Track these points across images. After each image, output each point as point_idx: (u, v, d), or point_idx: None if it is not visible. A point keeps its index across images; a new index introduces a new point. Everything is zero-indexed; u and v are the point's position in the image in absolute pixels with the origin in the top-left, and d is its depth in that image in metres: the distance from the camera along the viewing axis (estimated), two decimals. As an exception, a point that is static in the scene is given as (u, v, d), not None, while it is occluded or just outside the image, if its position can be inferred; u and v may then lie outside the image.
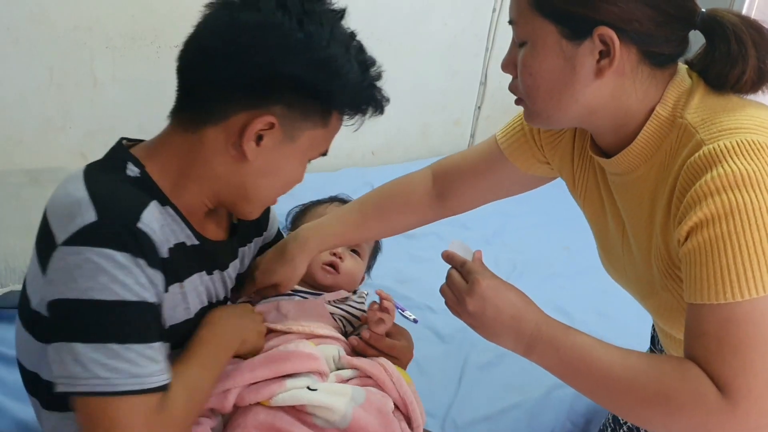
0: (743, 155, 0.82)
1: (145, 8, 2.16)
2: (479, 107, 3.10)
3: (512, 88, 1.00)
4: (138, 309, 0.85)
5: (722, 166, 0.82)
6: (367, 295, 1.38)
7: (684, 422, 0.84)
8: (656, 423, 0.88)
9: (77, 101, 2.18)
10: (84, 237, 0.82)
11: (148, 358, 0.84)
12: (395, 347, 1.20)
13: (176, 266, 0.94)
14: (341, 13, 0.95)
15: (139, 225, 0.85)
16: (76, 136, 2.22)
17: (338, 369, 1.13)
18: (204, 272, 1.03)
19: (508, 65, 0.99)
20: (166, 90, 2.62)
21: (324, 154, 1.01)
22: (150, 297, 0.86)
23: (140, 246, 0.84)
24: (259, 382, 1.04)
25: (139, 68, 2.21)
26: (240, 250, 1.15)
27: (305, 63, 0.90)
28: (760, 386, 0.80)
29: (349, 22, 1.01)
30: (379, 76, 0.98)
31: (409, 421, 1.11)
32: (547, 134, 1.17)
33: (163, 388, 0.86)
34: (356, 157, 2.91)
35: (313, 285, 1.33)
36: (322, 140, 0.99)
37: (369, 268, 1.50)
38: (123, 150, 0.96)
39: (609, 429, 1.44)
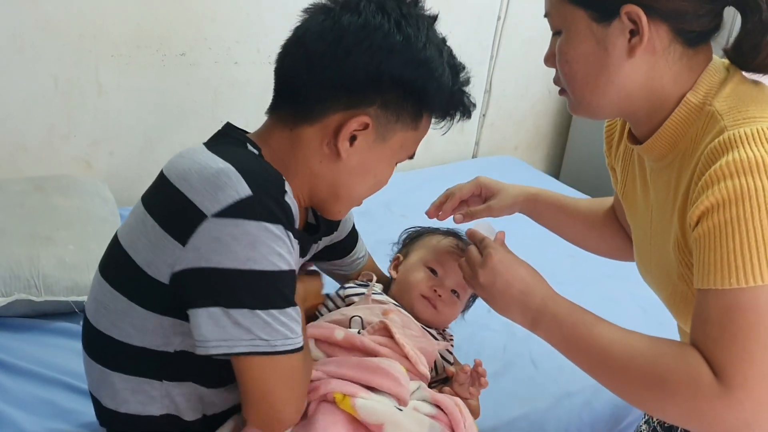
0: (761, 142, 0.82)
1: (151, 17, 2.17)
2: (484, 115, 3.10)
3: (555, 81, 1.02)
4: (289, 276, 0.91)
5: (738, 152, 0.82)
6: (452, 338, 1.39)
7: (678, 406, 0.84)
8: (652, 405, 0.89)
9: (82, 109, 2.18)
10: (240, 210, 0.86)
11: (295, 321, 0.91)
12: (469, 407, 1.20)
13: None
14: (434, 18, 1.01)
15: (286, 198, 0.90)
16: (80, 144, 2.22)
17: (418, 400, 1.13)
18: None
19: (549, 58, 1.01)
20: (171, 98, 2.63)
21: (411, 157, 1.07)
22: (293, 264, 0.92)
23: (288, 218, 0.90)
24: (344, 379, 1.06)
25: (144, 76, 2.21)
26: (312, 246, 1.20)
27: (403, 64, 0.95)
28: (756, 376, 0.79)
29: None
30: (468, 82, 1.03)
31: None
32: (608, 144, 1.20)
33: (303, 347, 0.94)
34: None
35: (409, 311, 1.31)
36: (412, 143, 1.04)
37: (466, 308, 1.45)
38: (238, 131, 1.02)
39: None
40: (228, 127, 1.04)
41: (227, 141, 1.00)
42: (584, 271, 2.13)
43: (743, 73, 0.96)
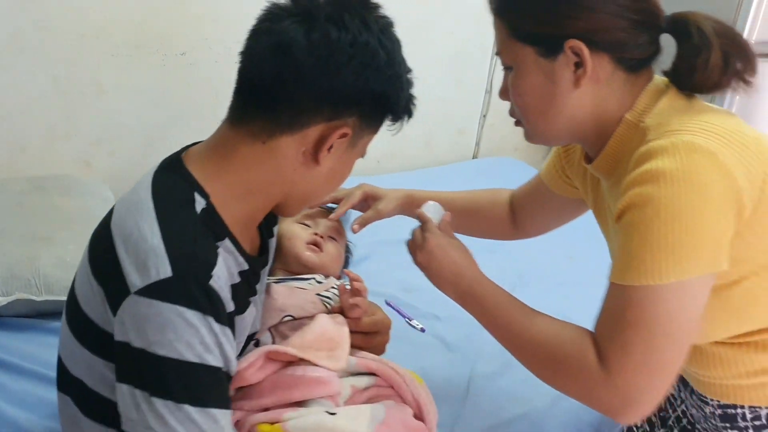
0: (672, 153, 0.88)
1: (151, 17, 2.17)
2: (484, 116, 3.10)
3: (511, 113, 1.11)
4: (197, 370, 0.86)
5: (651, 162, 0.89)
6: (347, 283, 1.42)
7: (571, 385, 0.97)
8: (551, 382, 1.01)
9: (82, 109, 2.18)
10: (158, 291, 0.84)
11: (192, 422, 0.85)
12: (377, 323, 1.28)
13: (235, 309, 0.96)
14: (392, 25, 1.00)
15: (211, 283, 0.87)
16: (80, 144, 2.23)
17: (353, 374, 1.13)
18: (249, 305, 1.05)
19: (503, 92, 1.10)
20: (172, 98, 2.63)
21: (363, 155, 1.07)
22: (212, 359, 0.87)
23: (211, 303, 0.87)
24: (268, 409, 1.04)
25: (144, 76, 2.22)
26: (270, 241, 1.19)
27: (386, 80, 0.96)
28: (632, 365, 0.89)
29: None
30: (412, 83, 1.04)
31: (423, 422, 1.12)
32: (567, 157, 1.28)
33: None
34: (360, 165, 2.89)
35: (296, 270, 1.35)
36: (369, 144, 1.06)
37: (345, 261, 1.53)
38: (187, 175, 0.96)
39: None
40: (178, 161, 0.99)
41: (176, 194, 0.94)
42: (584, 272, 2.13)
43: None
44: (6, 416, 1.33)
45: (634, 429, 1.41)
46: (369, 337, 1.26)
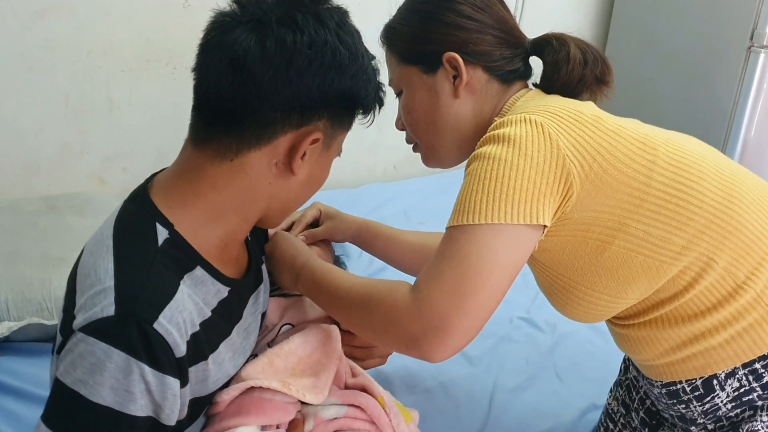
0: (507, 124, 0.99)
1: (160, 31, 2.16)
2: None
3: (408, 139, 1.23)
4: (114, 418, 0.81)
5: (497, 130, 1.00)
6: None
7: (378, 317, 0.98)
8: (360, 322, 1.04)
9: (94, 126, 2.17)
10: (96, 329, 0.80)
11: None
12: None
13: (201, 345, 0.91)
14: (347, 14, 0.95)
15: (156, 326, 0.81)
16: (94, 161, 2.21)
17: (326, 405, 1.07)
18: (230, 335, 1.00)
19: (398, 121, 1.22)
20: (183, 111, 2.58)
21: (340, 154, 1.03)
22: (136, 410, 0.81)
23: (150, 348, 0.81)
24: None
25: (155, 90, 2.20)
26: (262, 267, 1.16)
27: (351, 77, 0.92)
28: (438, 292, 0.93)
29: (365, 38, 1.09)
30: (379, 71, 1.00)
31: None
32: None
33: None
34: (377, 172, 2.88)
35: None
36: (343, 141, 1.02)
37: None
38: (150, 205, 0.92)
39: (602, 428, 1.42)
40: (143, 191, 0.95)
41: (138, 226, 0.90)
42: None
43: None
44: (19, 445, 1.31)
45: (613, 410, 1.39)
46: (369, 349, 1.21)
